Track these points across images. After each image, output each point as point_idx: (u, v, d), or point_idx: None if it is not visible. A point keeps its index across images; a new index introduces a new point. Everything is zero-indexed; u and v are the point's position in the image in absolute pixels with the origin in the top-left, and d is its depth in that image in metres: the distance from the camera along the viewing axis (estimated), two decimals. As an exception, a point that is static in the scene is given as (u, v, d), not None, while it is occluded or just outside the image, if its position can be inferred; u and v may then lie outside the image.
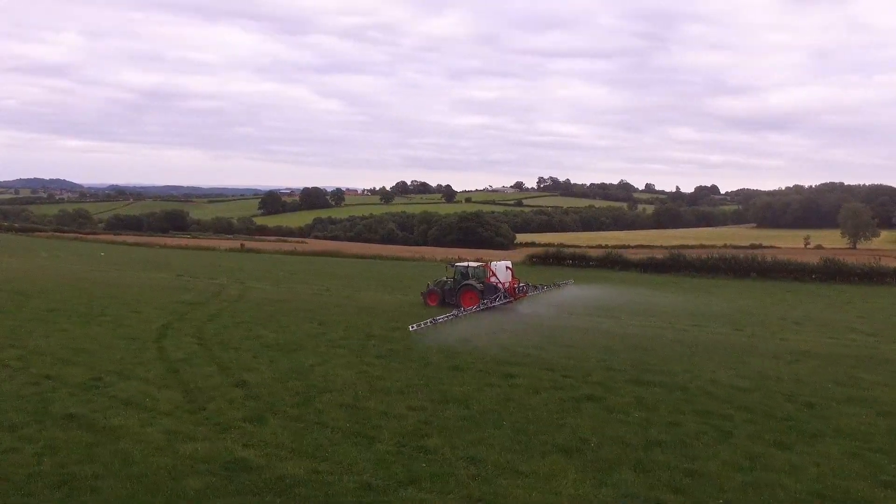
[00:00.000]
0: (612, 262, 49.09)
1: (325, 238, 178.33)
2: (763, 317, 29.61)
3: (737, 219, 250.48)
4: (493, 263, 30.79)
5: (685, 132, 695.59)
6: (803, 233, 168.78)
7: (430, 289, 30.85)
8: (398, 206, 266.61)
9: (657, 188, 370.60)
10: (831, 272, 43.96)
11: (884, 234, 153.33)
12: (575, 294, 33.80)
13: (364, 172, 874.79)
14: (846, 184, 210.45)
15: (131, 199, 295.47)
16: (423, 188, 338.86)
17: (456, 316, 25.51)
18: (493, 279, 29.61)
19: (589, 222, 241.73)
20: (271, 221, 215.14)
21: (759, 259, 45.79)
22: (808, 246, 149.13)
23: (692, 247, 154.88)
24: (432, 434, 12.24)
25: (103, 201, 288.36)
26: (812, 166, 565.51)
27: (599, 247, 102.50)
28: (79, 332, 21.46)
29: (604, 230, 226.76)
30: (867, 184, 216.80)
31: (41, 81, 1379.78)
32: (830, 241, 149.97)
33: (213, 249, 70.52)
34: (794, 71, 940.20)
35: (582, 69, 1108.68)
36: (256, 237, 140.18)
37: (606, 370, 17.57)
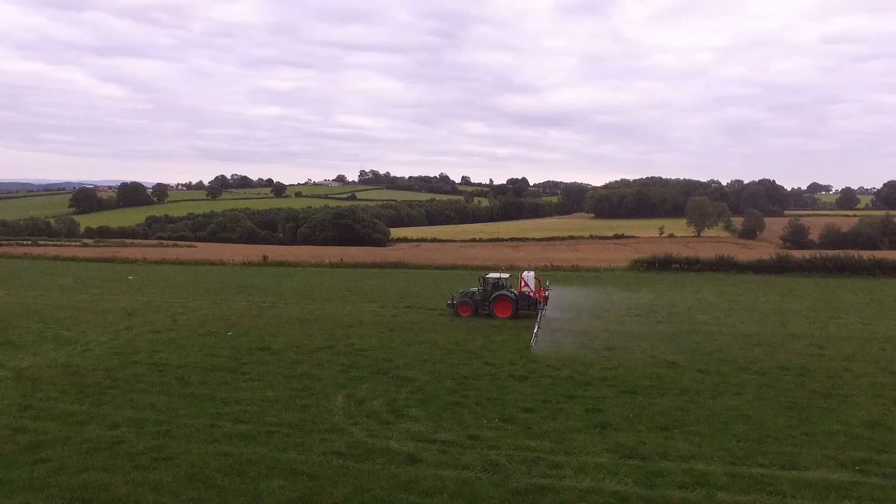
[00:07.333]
0: (725, 266, 50.52)
1: (166, 238, 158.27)
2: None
3: (563, 209, 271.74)
4: (524, 273, 32.45)
5: (476, 126, 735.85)
6: (647, 222, 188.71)
7: (461, 301, 31.40)
8: (228, 203, 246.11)
9: (473, 181, 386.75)
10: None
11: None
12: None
13: (152, 164, 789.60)
14: (664, 178, 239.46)
15: None
16: (244, 182, 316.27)
17: (539, 327, 26.75)
18: (524, 289, 31.31)
19: (434, 215, 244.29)
20: (91, 221, 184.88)
21: (855, 258, 50.21)
22: (662, 234, 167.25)
23: (563, 238, 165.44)
24: None
25: None
26: (588, 159, 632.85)
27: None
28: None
29: (450, 223, 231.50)
30: (673, 178, 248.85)
31: None
32: (678, 229, 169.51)
33: (221, 264, 57.99)
34: (570, 73, 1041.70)
35: (379, 63, 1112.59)
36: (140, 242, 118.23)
37: None
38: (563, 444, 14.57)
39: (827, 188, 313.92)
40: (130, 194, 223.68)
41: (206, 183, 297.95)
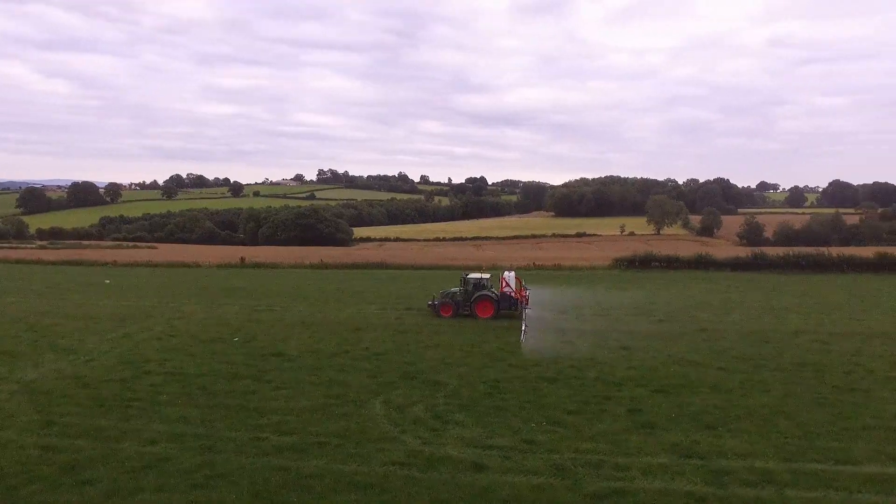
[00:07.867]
0: (705, 264, 51.66)
1: (122, 239, 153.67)
2: None
3: (523, 208, 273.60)
4: (505, 273, 32.79)
5: (433, 126, 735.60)
6: (607, 221, 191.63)
7: (442, 301, 31.30)
8: (184, 203, 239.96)
9: (432, 180, 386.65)
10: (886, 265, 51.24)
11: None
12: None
13: (102, 163, 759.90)
14: (622, 177, 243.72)
15: None
16: (200, 182, 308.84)
17: (526, 325, 27.10)
18: (506, 289, 31.59)
19: (395, 215, 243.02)
20: (42, 222, 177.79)
21: (826, 255, 51.93)
22: (623, 233, 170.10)
23: (526, 237, 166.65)
24: None
25: None
26: (545, 158, 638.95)
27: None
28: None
29: (411, 222, 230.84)
30: (630, 177, 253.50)
31: None
32: (638, 227, 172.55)
33: (196, 266, 56.12)
34: (525, 73, 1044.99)
35: (335, 61, 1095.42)
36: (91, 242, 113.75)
37: None
38: (618, 445, 14.51)
39: (775, 186, 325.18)
40: (82, 194, 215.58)
41: (160, 182, 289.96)
